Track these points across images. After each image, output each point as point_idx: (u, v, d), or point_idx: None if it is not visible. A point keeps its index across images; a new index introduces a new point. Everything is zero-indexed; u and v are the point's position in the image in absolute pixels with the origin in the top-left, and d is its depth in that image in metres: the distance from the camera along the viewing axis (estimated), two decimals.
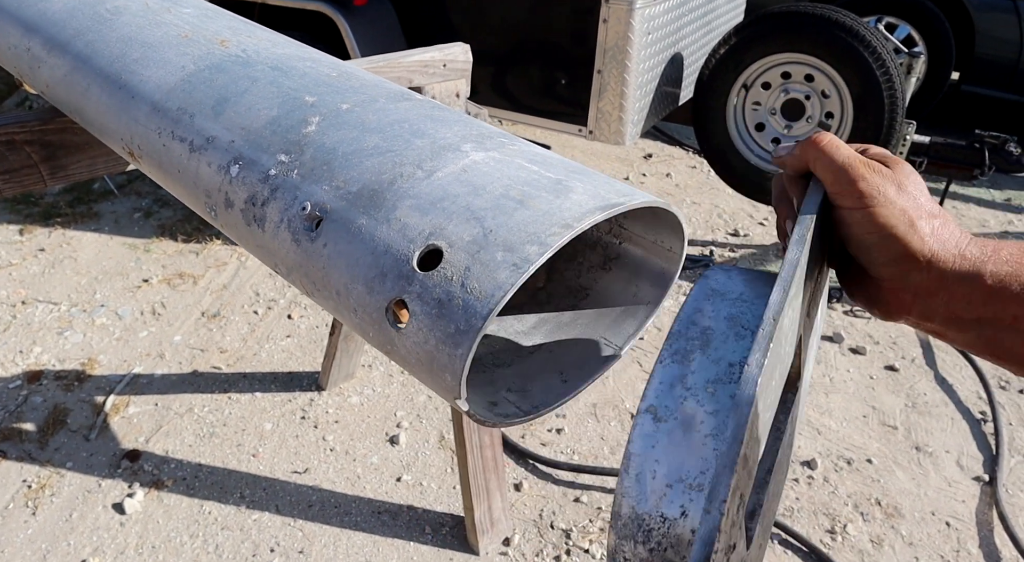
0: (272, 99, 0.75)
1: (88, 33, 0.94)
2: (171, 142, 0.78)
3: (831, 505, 1.98)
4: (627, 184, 0.65)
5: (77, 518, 1.81)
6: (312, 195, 0.65)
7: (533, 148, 0.69)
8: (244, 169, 0.71)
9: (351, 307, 0.61)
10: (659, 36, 2.68)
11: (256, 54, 0.84)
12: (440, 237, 0.57)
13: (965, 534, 1.91)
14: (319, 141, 0.68)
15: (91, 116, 0.91)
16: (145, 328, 2.51)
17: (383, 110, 0.72)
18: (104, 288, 2.72)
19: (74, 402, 2.18)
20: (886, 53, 2.70)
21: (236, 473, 1.97)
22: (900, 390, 2.42)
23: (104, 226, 3.13)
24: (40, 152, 1.12)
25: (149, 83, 0.83)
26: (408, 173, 0.63)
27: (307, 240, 0.64)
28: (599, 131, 2.71)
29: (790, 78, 2.92)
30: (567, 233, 0.55)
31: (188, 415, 2.15)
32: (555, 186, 0.60)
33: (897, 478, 2.08)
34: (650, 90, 2.76)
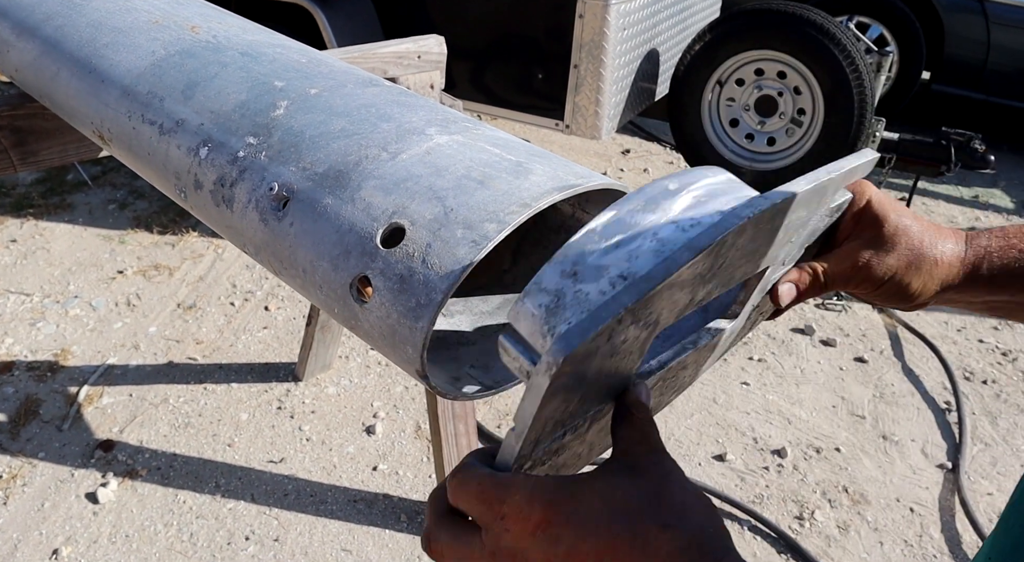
0: (241, 84, 0.76)
1: (57, 17, 0.95)
2: (141, 125, 0.79)
3: (800, 492, 2.02)
4: (586, 168, 0.67)
5: (49, 507, 1.81)
6: (279, 176, 0.66)
7: (496, 132, 0.70)
8: (213, 151, 0.72)
9: (317, 284, 0.63)
10: (635, 32, 2.71)
11: (226, 40, 0.85)
12: (403, 216, 0.59)
13: (928, 519, 1.96)
14: (287, 124, 0.70)
15: (61, 100, 0.92)
16: (120, 319, 2.50)
17: (351, 95, 0.73)
18: (78, 279, 2.70)
19: (47, 393, 2.17)
20: (856, 51, 2.75)
21: (211, 463, 1.97)
22: (868, 381, 2.47)
23: (78, 217, 3.11)
24: (10, 137, 1.12)
25: (119, 68, 0.84)
26: (373, 155, 0.64)
27: (274, 219, 0.65)
28: (575, 125, 2.73)
29: (763, 75, 2.96)
30: (525, 211, 0.57)
31: (163, 405, 2.15)
32: (515, 168, 0.62)
33: (864, 466, 2.12)
34: (626, 85, 2.79)
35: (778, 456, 2.13)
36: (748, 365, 2.50)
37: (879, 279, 0.58)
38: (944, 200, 3.92)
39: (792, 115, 2.97)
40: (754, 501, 1.97)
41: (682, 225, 0.46)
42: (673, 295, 0.43)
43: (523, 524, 0.38)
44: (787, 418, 2.28)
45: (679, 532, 0.37)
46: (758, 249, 0.49)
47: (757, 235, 0.46)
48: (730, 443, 2.16)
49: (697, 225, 0.45)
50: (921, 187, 3.95)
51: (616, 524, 0.37)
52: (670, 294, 0.42)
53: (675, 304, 0.44)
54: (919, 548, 1.88)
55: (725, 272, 0.47)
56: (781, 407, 2.32)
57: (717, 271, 0.45)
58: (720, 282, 0.48)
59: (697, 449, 2.13)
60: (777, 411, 2.31)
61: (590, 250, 0.45)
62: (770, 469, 2.09)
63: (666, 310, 0.43)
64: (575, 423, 0.46)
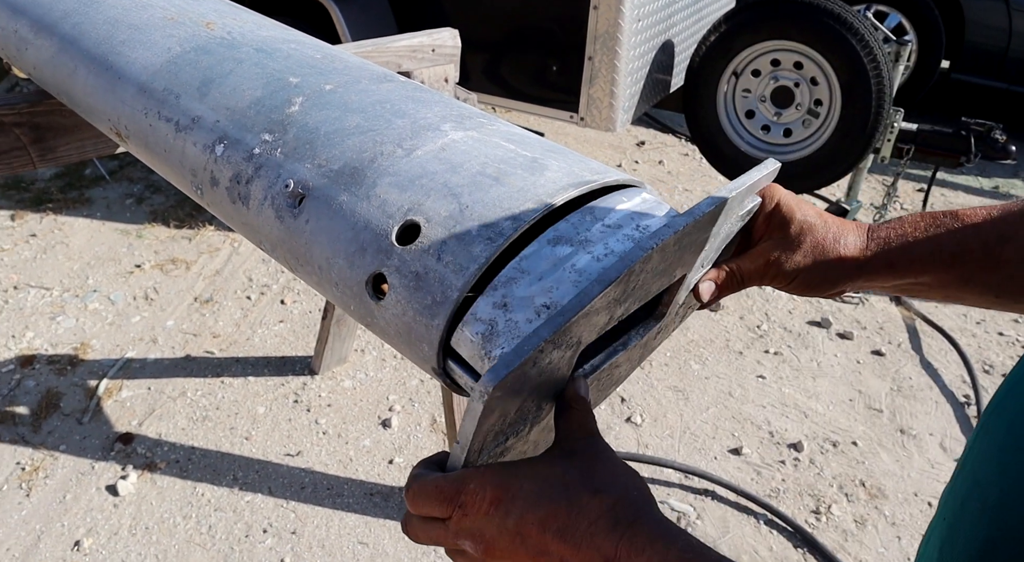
0: (257, 80, 0.76)
1: (75, 15, 0.95)
2: (157, 122, 0.79)
3: (816, 486, 2.01)
4: (602, 163, 0.67)
5: (71, 500, 1.83)
6: (295, 173, 0.66)
7: (511, 128, 0.70)
8: (229, 148, 0.72)
9: (333, 281, 0.63)
10: (650, 23, 2.69)
11: (241, 36, 0.85)
12: (418, 213, 0.59)
13: None
14: (302, 121, 0.70)
15: (78, 97, 0.92)
16: (138, 313, 2.52)
17: (366, 91, 0.73)
18: (96, 273, 2.72)
19: (67, 386, 2.19)
20: (874, 41, 2.72)
21: (229, 456, 1.99)
22: (886, 374, 2.45)
23: (96, 212, 3.13)
24: (29, 134, 1.13)
25: (135, 65, 0.84)
26: (388, 151, 0.64)
27: (290, 217, 0.66)
28: (590, 117, 2.72)
29: (779, 65, 2.93)
30: (541, 208, 0.57)
31: (181, 399, 2.17)
32: (531, 164, 0.62)
33: (881, 460, 2.11)
34: (641, 77, 2.77)
35: (794, 450, 2.12)
36: (764, 358, 2.48)
37: (789, 274, 0.65)
38: (964, 191, 3.88)
39: (809, 106, 2.93)
40: (770, 495, 1.97)
41: (597, 255, 0.54)
42: (591, 320, 0.49)
43: (478, 506, 0.45)
44: (803, 412, 2.27)
45: (606, 496, 0.45)
46: (668, 268, 0.55)
47: (665, 258, 0.52)
48: (746, 437, 2.15)
49: (611, 254, 0.54)
50: (940, 178, 3.90)
51: (555, 495, 0.44)
52: (587, 320, 0.48)
53: (594, 326, 0.50)
54: None
55: (640, 290, 0.53)
56: (797, 400, 2.31)
57: (631, 292, 0.51)
58: (636, 298, 0.54)
59: (713, 443, 2.13)
60: (793, 405, 2.29)
61: (517, 282, 0.53)
62: (786, 463, 2.08)
63: (586, 332, 0.50)
64: (517, 429, 0.53)
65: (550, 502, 0.44)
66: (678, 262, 0.56)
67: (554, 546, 0.44)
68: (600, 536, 0.43)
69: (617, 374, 0.65)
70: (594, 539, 0.43)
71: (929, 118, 4.68)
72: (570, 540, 0.44)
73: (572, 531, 0.44)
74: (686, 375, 2.39)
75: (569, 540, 0.44)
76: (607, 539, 0.43)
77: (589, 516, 0.44)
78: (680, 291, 0.62)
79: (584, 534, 0.43)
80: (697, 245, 0.56)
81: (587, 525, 0.44)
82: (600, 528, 0.43)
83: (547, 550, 0.44)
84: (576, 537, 0.43)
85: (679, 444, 2.11)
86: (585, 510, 0.44)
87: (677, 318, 0.69)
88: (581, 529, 0.44)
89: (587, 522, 0.44)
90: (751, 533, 1.86)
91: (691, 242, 0.54)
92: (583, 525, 0.44)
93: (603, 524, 0.44)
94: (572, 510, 0.44)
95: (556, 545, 0.44)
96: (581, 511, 0.44)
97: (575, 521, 0.44)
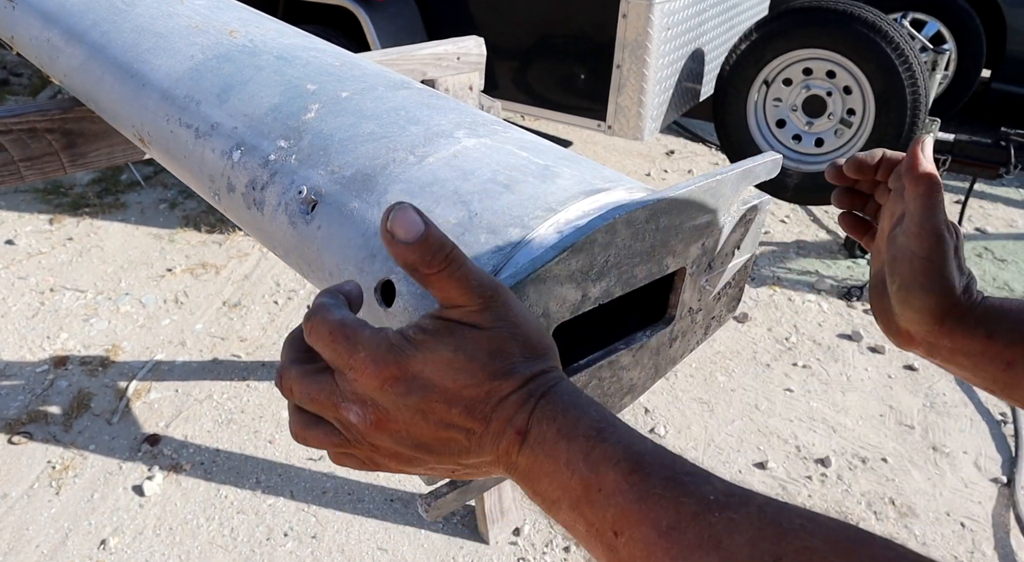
0: (275, 87, 0.77)
1: (104, 23, 0.97)
2: (178, 129, 0.80)
3: (844, 503, 1.96)
4: (616, 171, 0.66)
5: (98, 499, 1.86)
6: (308, 179, 0.67)
7: (525, 135, 0.70)
8: (246, 154, 0.73)
9: None
10: (679, 31, 2.67)
11: (263, 44, 0.86)
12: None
13: (980, 535, 1.89)
14: (317, 127, 0.70)
15: (105, 104, 0.94)
16: (168, 316, 2.56)
17: (381, 98, 0.74)
18: (129, 277, 2.78)
19: (98, 387, 2.24)
20: (909, 50, 2.67)
21: (253, 459, 2.01)
22: (919, 390, 2.39)
23: (130, 216, 3.20)
24: (60, 140, 1.16)
25: (159, 72, 0.86)
26: (401, 158, 0.64)
27: (303, 223, 0.66)
28: (618, 126, 2.70)
29: (811, 74, 2.89)
30: (550, 216, 0.56)
31: (207, 401, 2.20)
32: (542, 172, 0.61)
33: (912, 478, 2.06)
34: (670, 86, 2.75)
35: (822, 465, 2.08)
36: (792, 371, 2.44)
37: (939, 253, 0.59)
38: (1003, 203, 3.78)
39: (841, 116, 2.89)
40: None
41: (562, 230, 0.53)
42: (552, 289, 0.49)
43: (371, 379, 0.41)
44: (832, 426, 2.22)
45: (518, 375, 0.43)
46: (652, 252, 0.54)
47: (639, 235, 0.52)
48: (772, 451, 2.12)
49: (575, 230, 0.53)
50: (978, 190, 3.81)
51: (463, 377, 0.42)
52: (546, 288, 0.48)
53: (562, 299, 0.51)
54: None
55: (617, 270, 0.52)
56: (826, 415, 2.27)
57: (605, 269, 0.51)
58: (618, 280, 0.53)
59: (737, 456, 2.09)
60: (821, 419, 2.25)
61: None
62: (813, 478, 2.03)
63: (553, 303, 0.50)
64: None
65: (456, 382, 0.42)
66: (664, 248, 0.55)
67: (460, 420, 0.42)
68: (511, 409, 0.42)
69: (627, 379, 0.64)
70: (504, 411, 0.42)
71: (969, 128, 4.58)
72: (478, 414, 0.42)
73: (481, 406, 0.42)
74: (711, 387, 2.35)
75: (478, 414, 0.42)
76: (519, 411, 0.42)
77: (500, 393, 0.42)
78: (686, 294, 0.61)
79: (494, 408, 0.42)
80: (686, 233, 0.56)
81: (497, 401, 0.42)
82: (511, 402, 0.42)
83: (452, 423, 0.42)
84: (485, 411, 0.42)
85: (703, 457, 2.08)
86: (496, 389, 0.42)
87: (699, 328, 0.68)
88: (492, 404, 0.42)
89: (498, 398, 0.42)
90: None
91: (675, 227, 0.54)
92: (493, 401, 0.42)
93: (515, 398, 0.42)
94: (481, 389, 0.42)
95: (462, 419, 0.42)
96: (492, 390, 0.42)
97: (485, 398, 0.42)
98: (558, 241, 0.49)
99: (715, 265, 0.63)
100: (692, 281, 0.62)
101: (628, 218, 0.50)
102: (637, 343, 0.62)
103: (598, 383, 0.61)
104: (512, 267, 0.52)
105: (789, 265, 3.07)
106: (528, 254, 0.53)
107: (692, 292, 0.63)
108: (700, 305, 0.65)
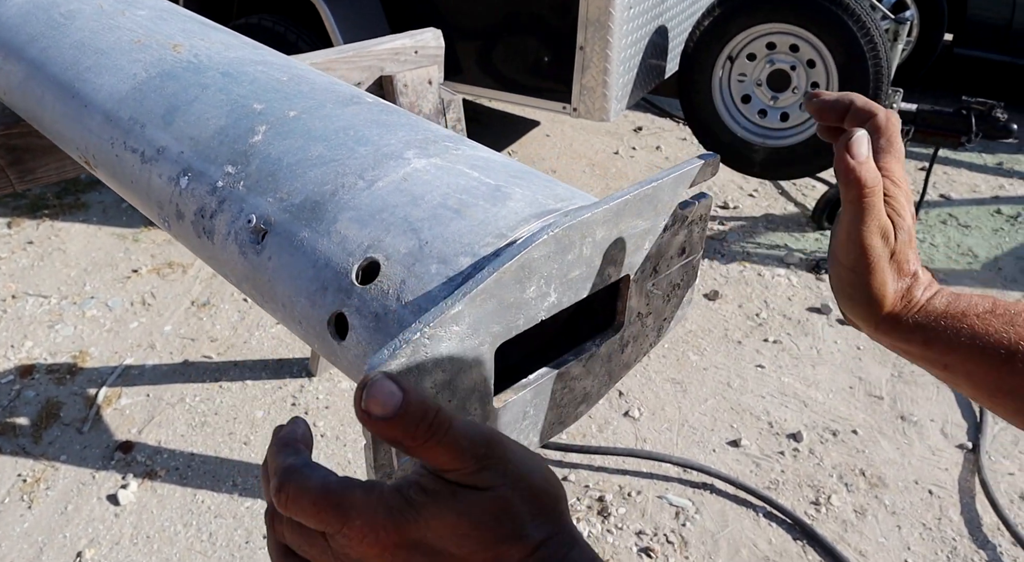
0: (221, 108, 0.75)
1: (42, 39, 0.94)
2: (124, 153, 0.78)
3: (816, 477, 2.00)
4: (569, 187, 0.65)
5: (72, 510, 1.85)
6: (257, 207, 0.65)
7: (477, 151, 0.69)
8: (193, 181, 0.71)
9: (296, 319, 0.62)
10: (642, 10, 2.65)
11: (208, 59, 0.84)
12: (378, 250, 0.57)
13: (947, 502, 1.94)
14: (265, 151, 0.69)
15: (47, 124, 0.91)
16: (135, 319, 2.53)
17: (330, 117, 0.72)
18: (94, 280, 2.73)
19: (67, 395, 2.20)
20: (871, 21, 2.68)
21: (228, 461, 2.00)
22: (887, 360, 2.43)
23: (92, 217, 3.13)
24: (6, 157, 1.13)
25: (102, 92, 0.83)
26: (350, 183, 0.63)
27: (253, 253, 0.65)
28: (583, 108, 2.69)
29: (775, 49, 2.89)
30: (500, 243, 0.56)
31: (180, 405, 2.17)
32: (493, 193, 0.61)
33: (882, 448, 2.10)
34: (634, 65, 2.74)
35: (794, 440, 2.11)
36: (763, 347, 2.47)
37: None
38: (967, 168, 3.83)
39: (806, 89, 2.90)
40: (769, 487, 1.96)
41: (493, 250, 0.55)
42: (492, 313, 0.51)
43: (370, 547, 0.38)
44: (803, 401, 2.26)
45: (529, 540, 0.39)
46: (593, 261, 0.56)
47: (577, 248, 0.54)
48: (745, 428, 2.15)
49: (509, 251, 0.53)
50: (943, 156, 3.86)
51: (468, 544, 0.38)
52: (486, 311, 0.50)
53: (506, 322, 0.52)
54: (938, 531, 1.86)
55: (559, 285, 0.54)
56: (797, 390, 2.30)
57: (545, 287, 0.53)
58: (562, 294, 0.55)
59: (711, 435, 2.12)
60: (793, 394, 2.28)
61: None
62: (785, 454, 2.07)
63: (496, 326, 0.52)
64: None
65: (462, 548, 0.39)
66: (605, 258, 0.57)
67: None
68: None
69: (579, 389, 0.65)
70: None
71: (933, 94, 4.63)
72: None
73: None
74: (684, 366, 2.38)
75: None
76: None
77: (510, 559, 0.39)
78: (636, 299, 0.63)
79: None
80: (628, 241, 0.57)
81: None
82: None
83: None
84: None
85: (677, 437, 2.11)
86: (504, 555, 0.39)
87: (651, 331, 0.69)
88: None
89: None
90: (750, 526, 1.86)
91: (613, 236, 0.56)
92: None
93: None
94: (488, 553, 0.39)
95: None
96: (499, 555, 0.39)
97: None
98: (496, 261, 0.50)
99: (660, 269, 0.64)
100: (638, 287, 0.62)
101: (557, 235, 0.51)
102: (587, 353, 0.62)
103: (553, 398, 0.61)
104: None
105: (758, 240, 3.10)
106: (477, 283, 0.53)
107: (639, 298, 0.64)
108: (649, 309, 0.66)
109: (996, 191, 3.61)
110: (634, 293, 0.63)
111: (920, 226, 3.23)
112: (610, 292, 0.64)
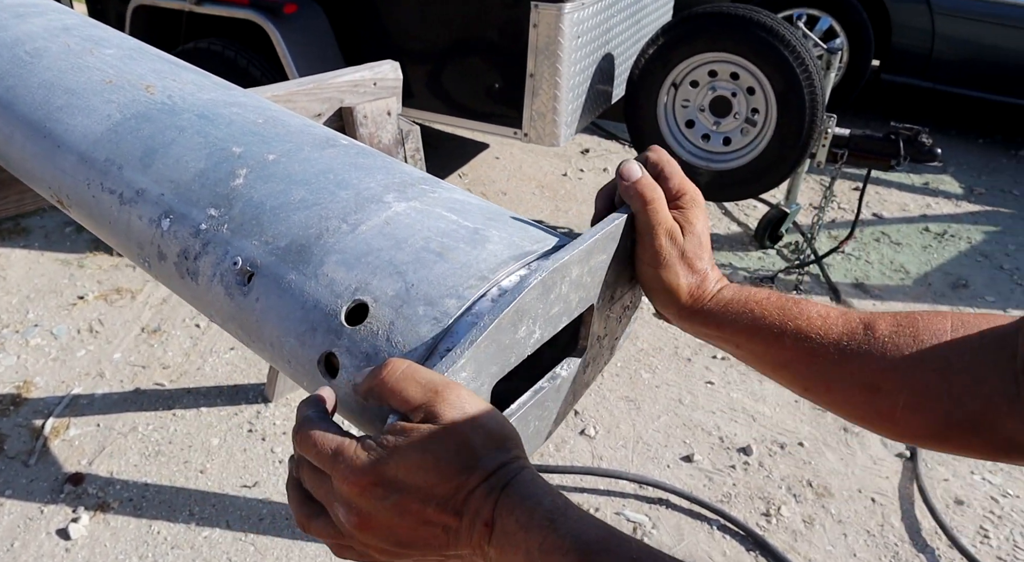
0: (200, 150, 0.77)
1: (7, 77, 0.94)
2: (100, 194, 0.79)
3: (766, 489, 2.08)
4: (542, 229, 0.70)
5: (19, 547, 1.79)
6: (243, 250, 0.68)
7: (453, 194, 0.73)
8: (175, 223, 0.73)
9: (285, 358, 0.64)
10: (589, 38, 2.74)
11: (182, 101, 0.86)
12: (366, 292, 0.61)
13: (889, 509, 2.04)
14: (247, 195, 0.71)
15: (15, 163, 0.91)
16: (83, 347, 2.47)
17: (308, 160, 0.75)
18: (37, 307, 2.65)
19: (10, 427, 2.14)
20: (805, 51, 2.81)
21: (184, 491, 1.97)
22: None
23: (34, 242, 3.05)
24: None
25: (75, 132, 0.84)
26: (334, 227, 0.66)
27: (240, 294, 0.67)
28: (533, 133, 2.75)
29: (717, 76, 3.01)
30: (483, 285, 0.60)
31: (132, 434, 2.13)
32: (472, 236, 0.64)
33: (827, 459, 2.20)
34: (583, 91, 2.82)
35: (744, 454, 2.19)
36: (712, 364, 2.55)
37: None
38: (896, 188, 4.03)
39: (746, 115, 3.03)
40: (722, 500, 2.03)
41: (495, 298, 0.59)
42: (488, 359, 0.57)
43: (352, 486, 0.48)
44: (751, 415, 2.34)
45: (482, 469, 0.48)
46: (567, 295, 0.62)
47: (556, 287, 0.60)
48: (697, 443, 2.22)
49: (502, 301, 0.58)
50: (875, 176, 4.04)
51: (433, 476, 0.47)
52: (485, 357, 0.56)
53: (500, 362, 0.58)
54: (880, 537, 1.95)
55: (542, 322, 0.60)
56: (745, 404, 2.39)
57: (532, 326, 0.59)
58: (544, 330, 0.61)
59: (665, 451, 2.18)
60: (742, 409, 2.37)
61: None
62: (736, 467, 2.15)
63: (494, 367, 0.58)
64: None
65: (428, 480, 0.47)
66: (574, 292, 0.63)
67: (435, 516, 0.48)
68: (478, 501, 0.47)
69: (552, 411, 0.70)
70: (473, 504, 0.47)
71: (863, 117, 4.85)
72: (451, 509, 0.48)
73: (452, 501, 0.47)
74: (637, 384, 2.44)
75: (450, 509, 0.48)
76: (484, 503, 0.47)
77: (468, 486, 0.48)
78: (597, 324, 0.69)
79: (464, 501, 0.48)
80: (589, 276, 0.64)
81: (466, 494, 0.48)
82: (478, 495, 0.48)
83: (429, 520, 0.48)
84: (457, 505, 0.48)
85: (632, 454, 2.16)
86: (464, 484, 0.48)
87: (606, 351, 0.76)
88: (460, 498, 0.48)
89: (466, 491, 0.48)
90: (705, 539, 1.92)
91: (579, 274, 0.63)
92: (462, 494, 0.48)
93: (481, 491, 0.48)
94: (451, 483, 0.47)
95: (437, 515, 0.48)
96: (460, 485, 0.47)
97: (454, 493, 0.47)
98: (492, 309, 0.56)
99: (616, 295, 0.70)
100: (599, 314, 0.69)
101: (544, 279, 0.57)
102: (559, 379, 0.68)
103: (531, 421, 0.66)
104: (452, 338, 0.57)
105: None
106: (466, 326, 0.57)
107: (599, 322, 0.70)
108: (605, 331, 0.73)
109: (924, 210, 3.80)
110: (596, 319, 0.69)
111: (856, 244, 3.39)
112: None
